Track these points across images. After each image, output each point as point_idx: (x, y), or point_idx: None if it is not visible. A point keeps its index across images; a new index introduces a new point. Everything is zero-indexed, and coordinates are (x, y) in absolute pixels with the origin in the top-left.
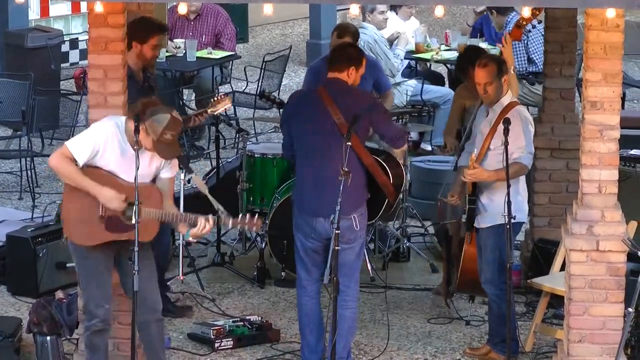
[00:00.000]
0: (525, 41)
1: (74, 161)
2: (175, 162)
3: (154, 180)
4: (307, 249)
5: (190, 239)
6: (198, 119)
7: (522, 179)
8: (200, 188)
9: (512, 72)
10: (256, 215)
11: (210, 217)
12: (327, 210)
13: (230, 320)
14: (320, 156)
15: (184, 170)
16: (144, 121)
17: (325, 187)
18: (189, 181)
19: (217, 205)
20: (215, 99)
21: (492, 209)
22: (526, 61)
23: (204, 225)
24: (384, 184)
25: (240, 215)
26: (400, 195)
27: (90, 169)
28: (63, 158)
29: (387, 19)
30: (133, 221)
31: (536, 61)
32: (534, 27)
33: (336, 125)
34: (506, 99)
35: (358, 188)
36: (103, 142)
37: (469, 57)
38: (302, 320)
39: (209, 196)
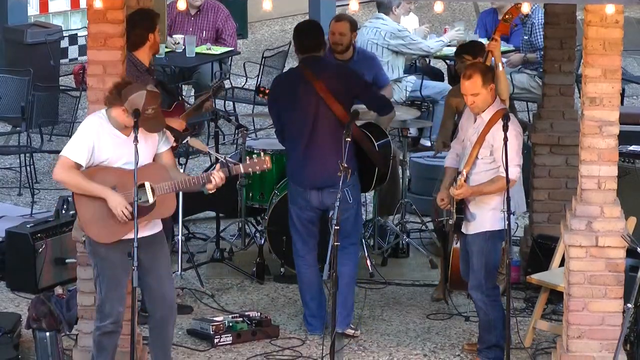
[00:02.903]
0: None
1: (77, 166)
2: (169, 133)
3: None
4: (303, 220)
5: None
6: (208, 104)
7: None
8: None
9: (501, 69)
10: (262, 154)
11: (220, 169)
12: (319, 182)
13: (230, 316)
14: (309, 130)
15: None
16: (123, 103)
17: (316, 160)
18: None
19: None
20: (214, 85)
21: (480, 217)
22: None
23: (217, 179)
24: (369, 150)
25: (247, 159)
26: (400, 192)
27: (92, 170)
28: (66, 169)
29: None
30: (150, 201)
31: None
32: (522, 21)
33: (322, 99)
34: (494, 106)
35: (346, 159)
36: (95, 136)
37: (465, 49)
38: (302, 289)
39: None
